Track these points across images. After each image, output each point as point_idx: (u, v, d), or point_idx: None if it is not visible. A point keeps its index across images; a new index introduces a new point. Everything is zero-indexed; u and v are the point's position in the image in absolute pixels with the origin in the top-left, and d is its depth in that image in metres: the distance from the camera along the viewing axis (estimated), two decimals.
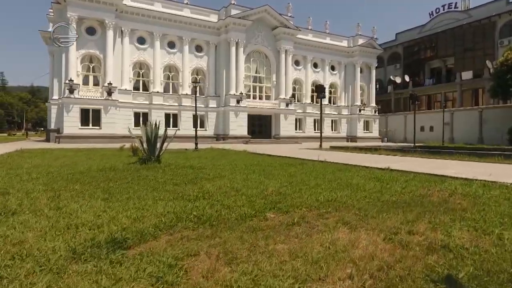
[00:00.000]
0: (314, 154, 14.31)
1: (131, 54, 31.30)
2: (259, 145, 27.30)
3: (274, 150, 18.66)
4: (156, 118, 31.88)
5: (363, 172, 7.70)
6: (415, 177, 6.70)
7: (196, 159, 11.83)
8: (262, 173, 7.47)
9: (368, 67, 45.05)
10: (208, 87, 34.88)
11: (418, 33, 46.11)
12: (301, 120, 40.68)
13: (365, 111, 43.72)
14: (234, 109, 33.29)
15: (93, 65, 29.62)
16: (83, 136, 27.50)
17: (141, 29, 31.44)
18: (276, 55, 36.88)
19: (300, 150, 17.65)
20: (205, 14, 34.47)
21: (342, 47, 43.22)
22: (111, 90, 28.39)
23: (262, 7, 34.79)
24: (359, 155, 13.89)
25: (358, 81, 43.56)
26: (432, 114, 39.87)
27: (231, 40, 33.39)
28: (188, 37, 33.36)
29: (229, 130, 33.17)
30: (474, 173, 7.17)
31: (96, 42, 29.10)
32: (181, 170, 8.08)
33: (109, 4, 28.56)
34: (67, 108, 27.16)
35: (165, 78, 33.31)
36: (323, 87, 19.11)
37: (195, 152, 15.91)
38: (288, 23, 36.30)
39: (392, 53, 49.79)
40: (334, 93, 44.01)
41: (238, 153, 15.06)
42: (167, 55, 32.93)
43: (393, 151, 15.15)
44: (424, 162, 10.38)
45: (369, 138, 43.26)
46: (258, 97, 36.77)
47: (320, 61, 42.09)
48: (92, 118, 28.48)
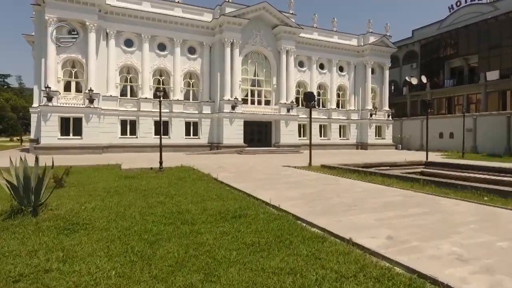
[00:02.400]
0: (293, 182, 11.31)
1: (117, 58, 29.14)
2: (250, 157, 24.44)
3: (255, 167, 15.77)
4: (144, 126, 29.88)
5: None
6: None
7: (127, 194, 9.09)
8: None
9: (380, 67, 41.29)
10: (202, 91, 32.32)
11: (437, 29, 41.91)
12: (306, 126, 37.46)
13: (377, 115, 40.01)
14: (229, 116, 30.55)
15: (75, 70, 27.63)
16: (62, 147, 25.48)
17: (128, 30, 29.24)
18: (277, 56, 33.89)
19: (282, 172, 14.67)
20: (198, 13, 31.93)
21: (351, 46, 39.70)
22: (92, 97, 26.27)
23: (260, 4, 31.89)
24: (341, 186, 10.81)
25: (369, 82, 39.91)
26: (452, 119, 35.74)
27: (226, 40, 30.68)
28: (179, 38, 30.91)
29: (222, 138, 30.46)
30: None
31: (78, 45, 27.07)
32: (59, 236, 5.36)
33: (91, 4, 26.46)
34: (45, 117, 25.23)
35: (155, 83, 30.99)
36: (312, 95, 16.07)
37: (150, 175, 13.22)
38: (289, 21, 33.23)
39: (408, 51, 45.68)
40: (343, 96, 40.53)
41: (200, 180, 12.26)
42: (157, 58, 30.59)
43: (391, 178, 11.92)
44: (430, 224, 7.25)
45: (381, 145, 39.54)
46: (257, 102, 33.87)
47: (326, 61, 38.75)
48: (72, 127, 26.47)
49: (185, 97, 32.04)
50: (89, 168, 15.84)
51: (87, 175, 13.41)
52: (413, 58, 45.00)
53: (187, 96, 32.19)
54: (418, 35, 44.58)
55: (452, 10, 40.80)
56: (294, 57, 35.10)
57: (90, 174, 13.87)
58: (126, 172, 14.45)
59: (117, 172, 14.56)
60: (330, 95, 39.03)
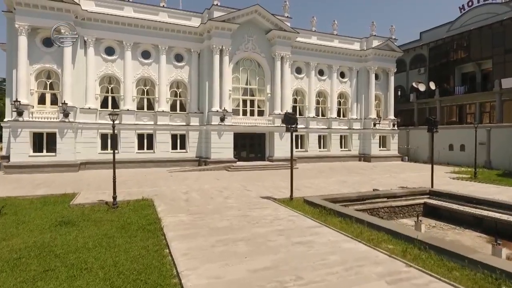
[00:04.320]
0: (257, 236, 8.81)
1: (97, 67, 27.13)
2: (236, 177, 22.05)
3: (226, 202, 13.37)
4: (126, 140, 27.80)
5: None
6: None
7: (23, 269, 6.82)
8: None
9: (385, 72, 38.49)
10: (190, 102, 30.08)
11: (447, 31, 38.83)
12: (303, 137, 34.93)
13: (381, 124, 37.21)
14: (217, 129, 28.23)
15: (50, 81, 25.69)
16: (34, 165, 23.58)
17: (108, 37, 27.20)
18: (271, 63, 31.45)
19: (252, 212, 12.23)
20: (185, 18, 29.71)
21: (354, 51, 36.99)
22: (67, 111, 24.27)
23: (252, 7, 29.50)
24: (313, 249, 8.35)
25: (373, 89, 37.14)
26: (463, 130, 32.75)
27: (214, 47, 28.39)
28: (165, 45, 28.75)
29: (210, 153, 28.17)
30: None
31: (53, 55, 25.14)
32: None
33: (65, 11, 24.46)
34: (15, 133, 23.32)
35: (139, 93, 28.89)
36: (293, 117, 13.59)
37: (95, 218, 10.95)
38: (284, 25, 30.76)
39: (416, 55, 42.65)
40: (344, 104, 37.83)
41: (142, 231, 9.95)
42: (140, 66, 28.49)
43: (381, 231, 9.37)
44: None
45: (386, 157, 36.72)
46: (249, 112, 31.47)
47: (326, 67, 36.13)
48: (46, 143, 24.56)
49: (172, 107, 29.86)
50: (31, 202, 13.70)
51: (16, 218, 11.25)
52: (421, 62, 41.97)
53: (174, 106, 30.01)
54: (426, 37, 41.54)
55: (463, 10, 37.70)
56: (290, 64, 32.62)
57: (23, 214, 11.74)
58: (70, 211, 12.30)
59: (60, 210, 12.40)
60: (331, 103, 36.39)
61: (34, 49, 24.63)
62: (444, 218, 15.03)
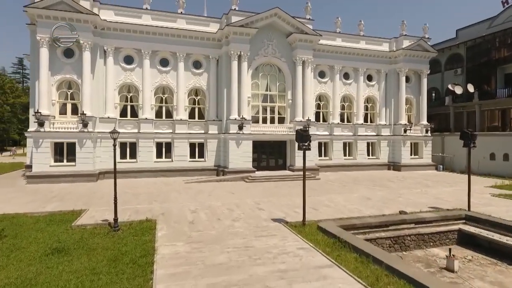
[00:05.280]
0: (255, 280, 7.73)
1: (116, 76, 27.18)
2: (252, 190, 20.95)
3: (233, 227, 12.30)
4: (145, 149, 27.62)
5: None
6: None
7: None
8: None
9: (417, 74, 35.82)
10: (209, 109, 29.42)
11: (487, 27, 35.43)
12: (327, 144, 33.20)
13: (413, 130, 34.59)
14: (235, 137, 27.32)
15: (71, 91, 26.00)
16: (54, 175, 23.89)
17: (127, 46, 27.16)
18: (292, 68, 30.08)
19: (258, 242, 11.06)
20: (203, 24, 29.10)
21: (382, 52, 34.70)
22: (85, 121, 24.43)
23: (272, 10, 28.30)
24: None
25: (403, 93, 34.62)
26: (507, 137, 29.56)
27: (232, 53, 27.52)
28: (183, 52, 28.30)
29: (228, 162, 27.32)
30: None
31: (73, 65, 25.43)
32: None
33: (84, 22, 24.63)
34: (36, 143, 23.76)
35: (158, 101, 28.64)
36: (306, 135, 12.32)
37: (92, 244, 10.30)
38: (305, 28, 29.28)
39: (452, 54, 39.39)
40: (372, 109, 35.60)
41: (133, 266, 9.14)
42: (158, 74, 28.23)
43: (401, 278, 7.86)
44: None
45: (418, 166, 34.11)
46: (269, 119, 30.28)
47: (352, 70, 34.15)
48: (66, 153, 24.85)
49: (191, 115, 29.37)
50: (37, 221, 13.47)
51: (13, 242, 10.92)
52: (458, 63, 38.67)
53: (192, 114, 29.49)
54: (463, 35, 38.21)
55: (507, 5, 34.17)
56: (312, 68, 31.10)
57: (22, 238, 11.48)
58: (69, 234, 11.82)
59: (60, 233, 11.96)
60: (357, 108, 34.34)
61: (55, 60, 25.01)
62: (482, 249, 13.02)
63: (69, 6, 24.12)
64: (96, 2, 25.98)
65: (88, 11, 24.57)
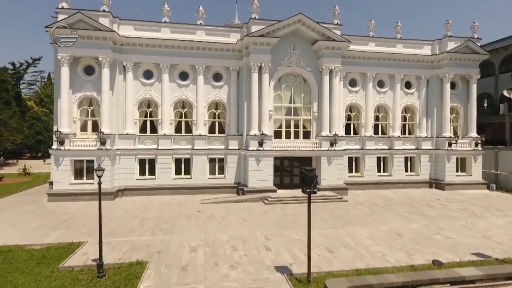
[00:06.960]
0: None
1: (136, 92, 26.84)
2: (271, 213, 19.14)
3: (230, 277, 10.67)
4: (163, 165, 26.96)
5: None
6: None
7: None
8: None
9: (464, 80, 31.63)
10: (229, 123, 28.09)
11: None
12: (358, 159, 30.35)
13: (459, 144, 30.52)
14: (255, 154, 25.69)
15: (91, 108, 26.07)
16: (73, 193, 23.97)
17: (146, 61, 26.70)
18: (318, 78, 27.78)
19: None
20: (224, 35, 27.84)
21: (422, 56, 31.04)
22: (103, 139, 24.24)
23: (295, 17, 26.26)
24: None
25: (448, 101, 30.67)
26: None
27: (252, 64, 25.95)
28: (202, 64, 27.28)
29: (248, 181, 25.76)
30: None
31: (93, 82, 25.45)
32: None
33: (103, 39, 24.47)
34: (57, 161, 24.00)
35: (177, 116, 27.89)
36: (313, 176, 10.33)
37: None
38: (332, 34, 26.85)
39: (508, 55, 34.39)
40: (410, 120, 32.02)
41: None
42: (177, 88, 27.46)
43: None
44: None
45: (465, 184, 30.03)
46: (293, 134, 28.21)
47: (387, 77, 30.94)
48: (86, 170, 24.87)
49: (211, 130, 28.25)
50: (30, 257, 13.02)
51: None
52: None
53: (212, 128, 28.36)
54: None
55: None
56: (342, 76, 28.61)
57: (5, 281, 10.76)
58: (51, 280, 10.96)
59: (43, 277, 11.18)
60: (393, 119, 31.01)
61: (76, 78, 25.17)
62: None
63: (88, 24, 24.08)
64: (115, 18, 25.78)
65: (106, 28, 24.37)
